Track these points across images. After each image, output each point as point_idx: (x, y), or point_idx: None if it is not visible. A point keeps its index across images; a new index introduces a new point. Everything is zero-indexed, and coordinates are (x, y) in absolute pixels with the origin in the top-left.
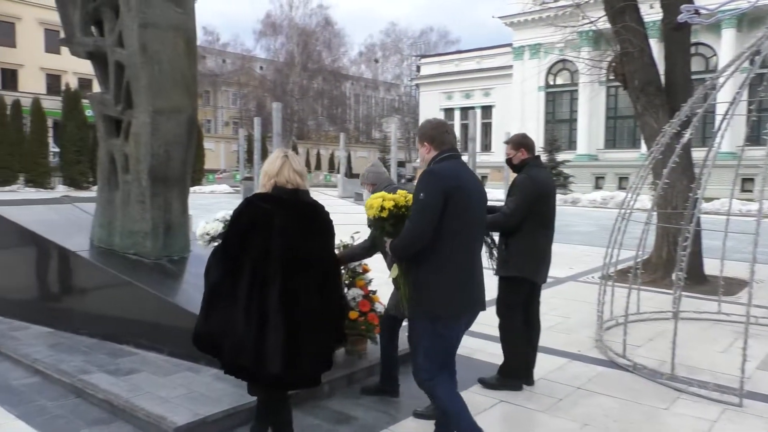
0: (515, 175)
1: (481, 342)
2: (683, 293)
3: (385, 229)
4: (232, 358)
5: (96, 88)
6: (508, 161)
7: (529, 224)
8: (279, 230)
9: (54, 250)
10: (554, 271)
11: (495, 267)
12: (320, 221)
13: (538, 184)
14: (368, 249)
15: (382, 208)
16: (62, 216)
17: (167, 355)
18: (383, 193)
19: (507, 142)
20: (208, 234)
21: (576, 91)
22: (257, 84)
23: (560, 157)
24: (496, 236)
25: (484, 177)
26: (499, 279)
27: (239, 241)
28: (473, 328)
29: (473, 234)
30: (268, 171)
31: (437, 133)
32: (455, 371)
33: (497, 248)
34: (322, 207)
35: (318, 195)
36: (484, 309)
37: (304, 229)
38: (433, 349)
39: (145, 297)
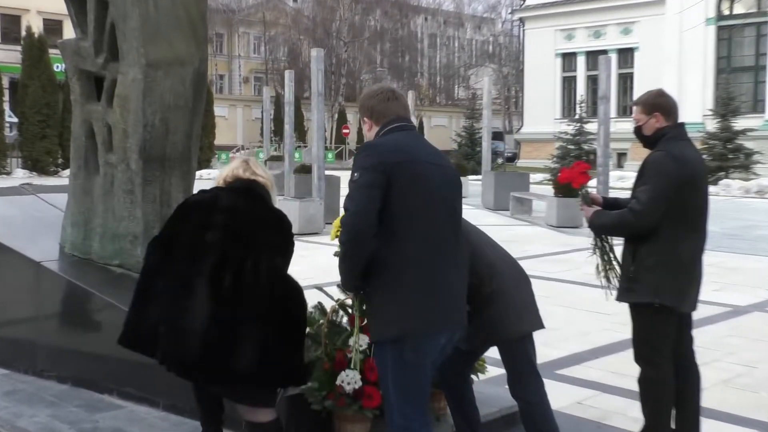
0: (648, 151)
1: (620, 401)
2: None
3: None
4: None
5: (69, 33)
6: (637, 131)
7: (668, 225)
8: (224, 209)
9: (9, 259)
10: (733, 296)
11: (615, 288)
12: (277, 217)
13: (682, 165)
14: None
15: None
16: (21, 212)
17: (163, 410)
18: None
19: (636, 103)
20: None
21: (765, 23)
22: (289, 23)
23: (739, 124)
24: (615, 241)
25: (622, 154)
26: (629, 308)
27: (174, 223)
28: (602, 379)
29: (437, 226)
30: (221, 173)
31: (377, 102)
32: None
33: (616, 260)
34: (284, 217)
35: None
36: (462, 329)
37: (256, 214)
38: (405, 382)
39: None
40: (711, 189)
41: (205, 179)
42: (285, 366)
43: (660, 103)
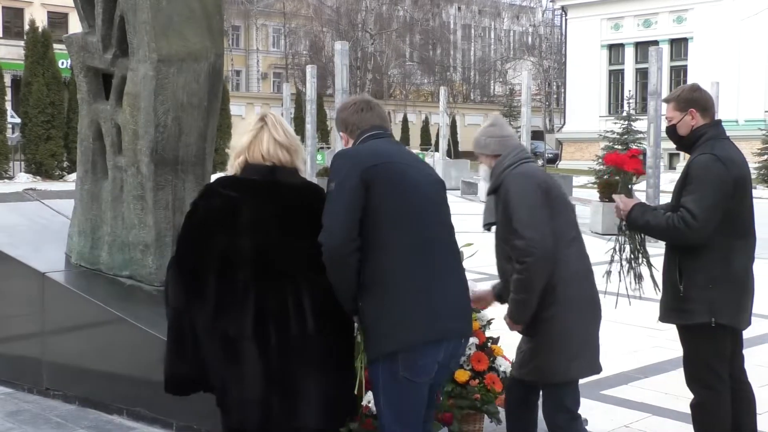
0: (687, 154)
1: (671, 425)
2: None
3: None
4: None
5: (75, 27)
6: (671, 130)
7: (720, 235)
8: (248, 227)
9: (12, 270)
10: None
11: (638, 290)
12: (315, 213)
13: (731, 168)
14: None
15: None
16: (25, 219)
17: None
18: None
19: (668, 100)
20: None
21: None
22: (311, 14)
23: None
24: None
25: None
26: (679, 329)
27: (195, 248)
28: (652, 400)
29: (427, 226)
30: (236, 146)
31: (350, 114)
32: None
33: (646, 255)
34: (318, 191)
35: None
36: (466, 337)
37: (287, 224)
38: (400, 403)
39: (145, 342)
40: None
41: None
42: (349, 404)
43: (695, 98)
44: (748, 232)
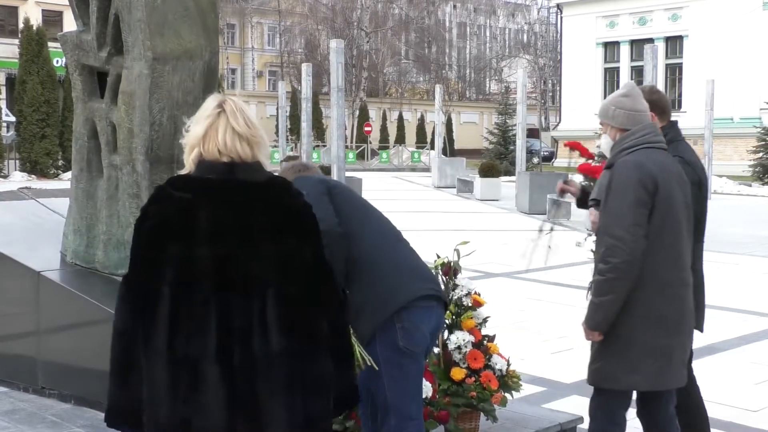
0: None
1: None
2: None
3: None
4: None
5: (69, 25)
6: None
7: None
8: (206, 234)
9: (7, 269)
10: None
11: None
12: (286, 212)
13: (691, 172)
14: None
15: None
16: (19, 218)
17: None
18: None
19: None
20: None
21: None
22: (306, 12)
23: None
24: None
25: None
26: None
27: (145, 260)
28: None
29: (381, 222)
30: (190, 136)
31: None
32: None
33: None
34: (289, 186)
35: (401, 183)
36: (446, 302)
37: (251, 229)
38: (403, 377)
39: None
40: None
41: None
42: (326, 412)
43: (654, 101)
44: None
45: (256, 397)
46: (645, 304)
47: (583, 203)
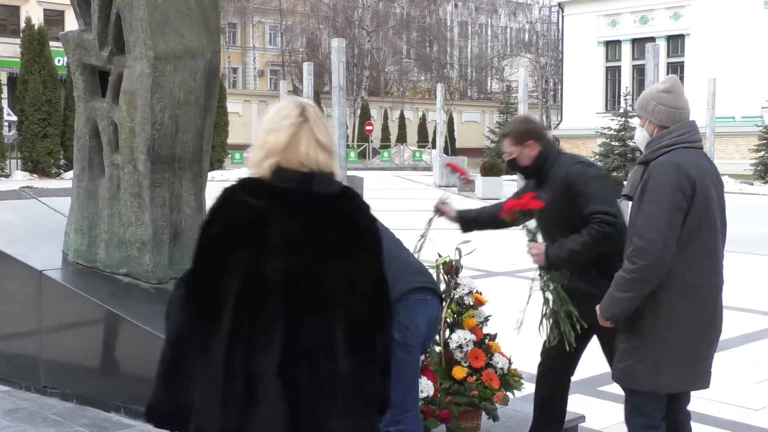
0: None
1: None
2: None
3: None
4: None
5: (71, 24)
6: (512, 163)
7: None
8: (279, 245)
9: (9, 268)
10: None
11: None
12: (354, 227)
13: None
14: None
15: None
16: (21, 217)
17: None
18: None
19: (504, 135)
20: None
21: None
22: (307, 11)
23: None
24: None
25: None
26: None
27: (213, 266)
28: None
29: None
30: (269, 143)
31: None
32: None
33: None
34: (358, 200)
35: (402, 182)
36: (440, 294)
37: (324, 243)
38: (401, 372)
39: (142, 340)
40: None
41: (218, 181)
42: (373, 427)
43: (529, 130)
44: None
45: (318, 418)
46: (673, 305)
47: (467, 228)
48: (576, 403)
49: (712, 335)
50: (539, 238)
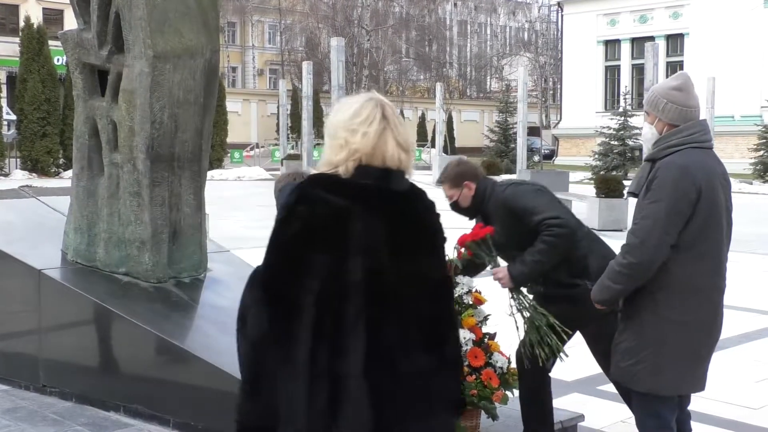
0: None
1: None
2: None
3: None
4: None
5: (70, 23)
6: (455, 206)
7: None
8: (360, 245)
9: (8, 267)
10: None
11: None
12: (424, 225)
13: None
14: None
15: None
16: (20, 216)
17: (174, 428)
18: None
19: (442, 182)
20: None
21: None
22: (307, 10)
23: None
24: None
25: None
26: None
27: (292, 266)
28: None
29: None
30: (354, 144)
31: None
32: None
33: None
34: (425, 197)
35: None
36: None
37: (398, 242)
38: None
39: (142, 339)
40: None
41: (217, 180)
42: (453, 427)
43: (463, 172)
44: None
45: (399, 418)
46: (674, 307)
47: (472, 271)
48: (575, 403)
49: (712, 338)
50: (501, 263)
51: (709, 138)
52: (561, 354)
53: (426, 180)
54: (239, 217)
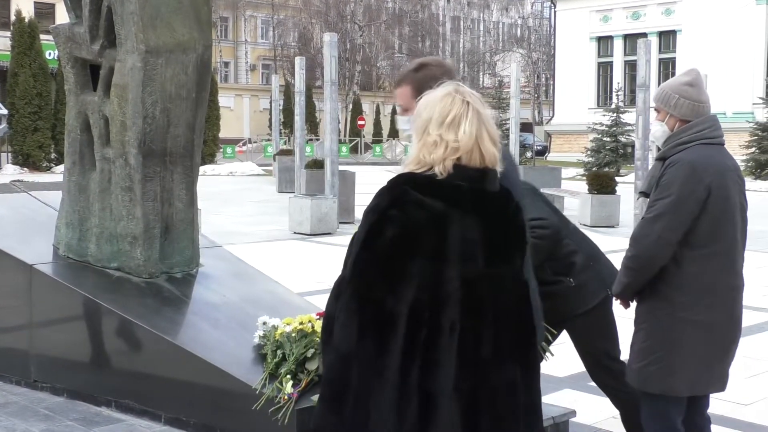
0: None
1: None
2: None
3: None
4: None
5: (62, 17)
6: None
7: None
8: (457, 252)
9: (0, 262)
10: None
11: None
12: (514, 228)
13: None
14: None
15: None
16: (11, 211)
17: (165, 423)
18: None
19: None
20: None
21: None
22: (299, 5)
23: None
24: None
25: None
26: None
27: (386, 274)
28: None
29: None
30: (452, 141)
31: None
32: None
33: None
34: (513, 195)
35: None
36: None
37: (492, 247)
38: None
39: (133, 334)
40: (763, 185)
41: (209, 175)
42: None
43: None
44: None
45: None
46: (688, 308)
47: None
48: (567, 399)
49: (728, 338)
50: None
51: (720, 134)
52: (546, 353)
53: None
54: (231, 213)
